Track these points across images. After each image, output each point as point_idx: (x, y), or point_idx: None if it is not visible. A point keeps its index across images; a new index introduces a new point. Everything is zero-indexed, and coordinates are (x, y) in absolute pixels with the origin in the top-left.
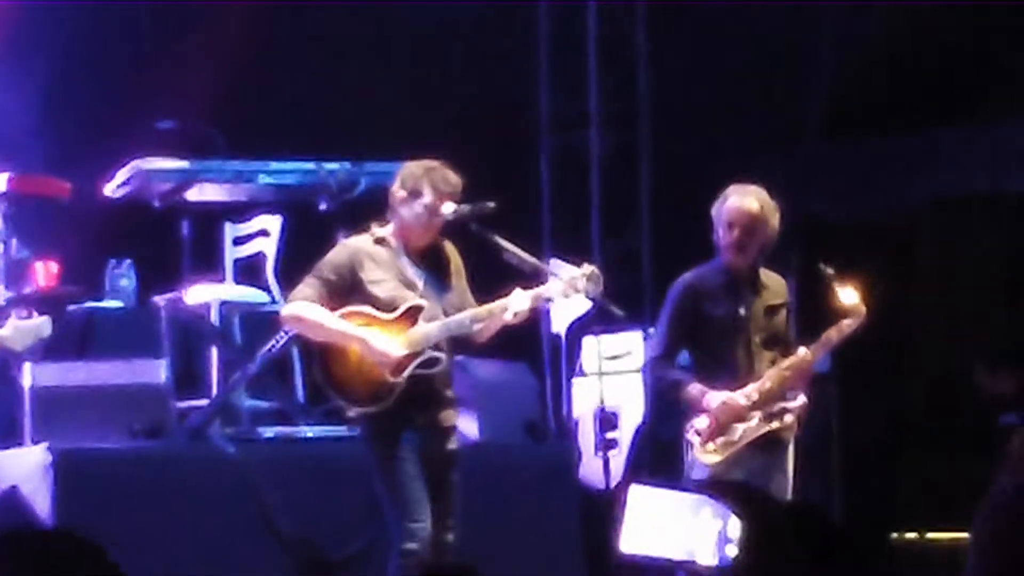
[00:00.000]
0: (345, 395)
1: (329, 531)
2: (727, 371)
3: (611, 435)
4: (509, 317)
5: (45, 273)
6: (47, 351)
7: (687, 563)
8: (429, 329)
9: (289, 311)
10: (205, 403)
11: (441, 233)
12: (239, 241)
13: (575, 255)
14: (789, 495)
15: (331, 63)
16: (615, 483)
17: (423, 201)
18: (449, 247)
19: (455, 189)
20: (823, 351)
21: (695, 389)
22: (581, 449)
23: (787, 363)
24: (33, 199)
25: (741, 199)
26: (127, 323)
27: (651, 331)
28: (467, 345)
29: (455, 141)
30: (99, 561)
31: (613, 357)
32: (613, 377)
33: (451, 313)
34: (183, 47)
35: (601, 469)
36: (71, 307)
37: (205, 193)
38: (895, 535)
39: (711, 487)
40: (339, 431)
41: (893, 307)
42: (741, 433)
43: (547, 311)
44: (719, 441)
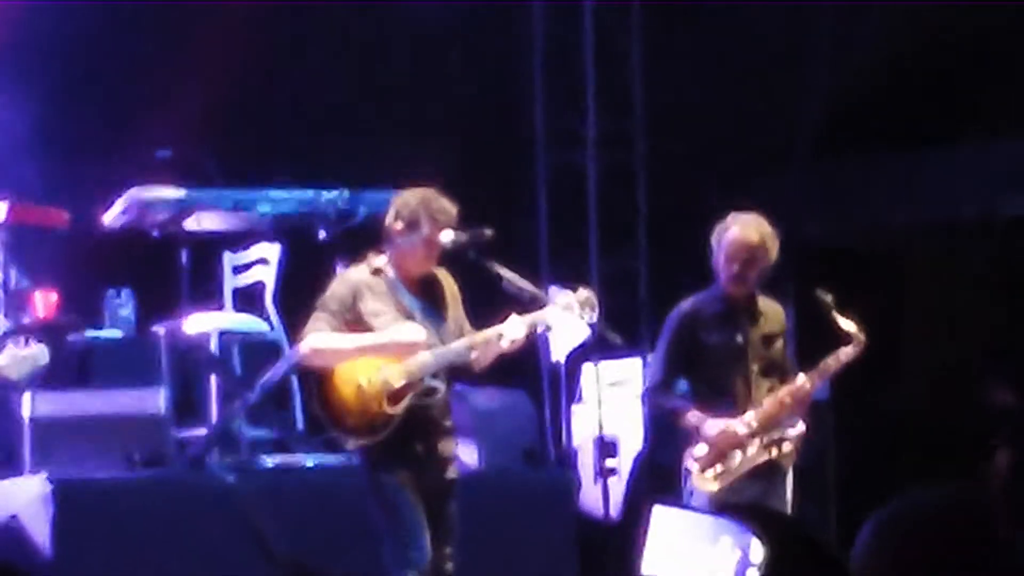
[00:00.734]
0: (343, 428)
1: (327, 558)
2: (725, 399)
3: (610, 463)
4: (505, 344)
5: (44, 303)
6: (46, 380)
7: None
8: (426, 359)
9: (306, 347)
10: (204, 432)
11: (438, 261)
12: (238, 270)
13: (572, 274)
14: None
15: (324, 88)
16: (614, 511)
17: (421, 233)
18: (444, 275)
19: (452, 217)
20: (821, 379)
21: (694, 417)
22: (581, 477)
23: (786, 391)
24: (32, 229)
25: (742, 231)
26: (126, 352)
27: (650, 358)
28: (465, 373)
29: (449, 163)
30: None
31: (612, 384)
32: (612, 404)
33: (448, 342)
34: (179, 75)
35: (600, 497)
36: (70, 337)
37: (203, 222)
38: None
39: (734, 510)
40: (339, 460)
41: (883, 329)
42: (740, 461)
43: (546, 339)
44: (718, 469)
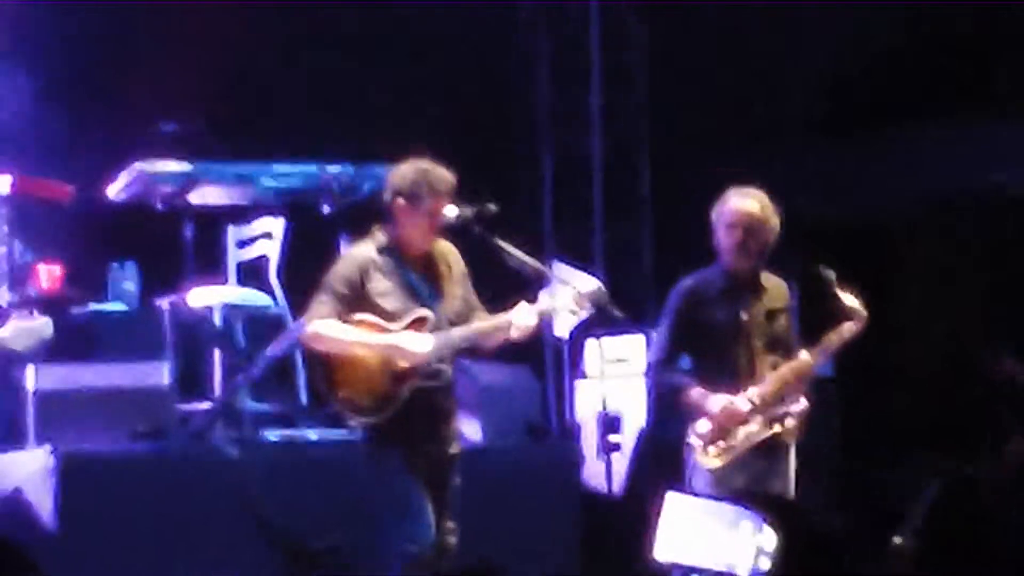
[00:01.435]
0: (347, 405)
1: (329, 532)
2: (728, 375)
3: (614, 438)
4: (515, 334)
5: (48, 276)
6: (50, 354)
7: (726, 574)
8: (433, 344)
9: (309, 332)
10: (208, 406)
11: (442, 235)
12: (242, 244)
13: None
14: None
15: (330, 63)
16: (617, 486)
17: (424, 207)
18: (451, 251)
19: (451, 185)
20: (824, 355)
21: (696, 393)
22: (584, 452)
23: (788, 367)
24: (36, 202)
25: (741, 201)
26: (130, 326)
27: (654, 334)
28: (470, 353)
29: (453, 138)
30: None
31: (616, 360)
32: (616, 380)
33: (455, 321)
34: (185, 48)
35: (604, 472)
36: (74, 310)
37: (207, 196)
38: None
39: (748, 498)
40: (342, 434)
41: (881, 306)
42: (742, 437)
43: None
44: (720, 445)
